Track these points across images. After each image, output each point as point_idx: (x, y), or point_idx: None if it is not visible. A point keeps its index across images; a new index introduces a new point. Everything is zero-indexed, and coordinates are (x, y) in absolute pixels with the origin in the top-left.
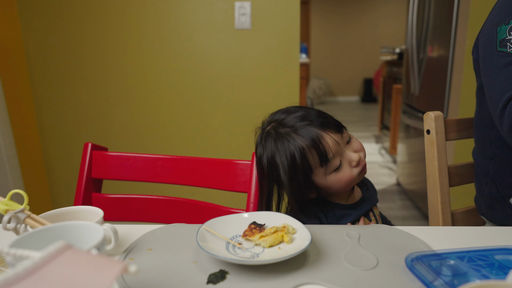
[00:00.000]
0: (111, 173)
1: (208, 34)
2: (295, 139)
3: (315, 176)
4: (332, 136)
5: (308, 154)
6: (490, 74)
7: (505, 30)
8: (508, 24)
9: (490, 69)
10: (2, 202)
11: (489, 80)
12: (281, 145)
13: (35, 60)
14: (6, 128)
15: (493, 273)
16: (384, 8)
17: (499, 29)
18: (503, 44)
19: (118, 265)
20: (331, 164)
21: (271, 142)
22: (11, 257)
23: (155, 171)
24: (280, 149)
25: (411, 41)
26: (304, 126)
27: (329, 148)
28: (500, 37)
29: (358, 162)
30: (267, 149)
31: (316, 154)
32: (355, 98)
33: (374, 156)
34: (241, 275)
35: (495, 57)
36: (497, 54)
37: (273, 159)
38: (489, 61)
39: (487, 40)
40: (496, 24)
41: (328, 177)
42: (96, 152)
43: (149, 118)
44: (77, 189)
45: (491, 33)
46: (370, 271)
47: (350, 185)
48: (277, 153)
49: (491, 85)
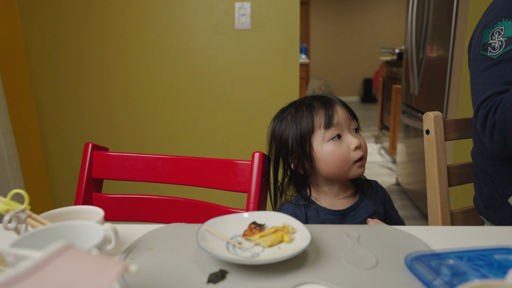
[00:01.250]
0: (111, 173)
1: (208, 35)
2: (311, 100)
3: (314, 138)
4: (345, 112)
5: (315, 110)
6: (472, 77)
7: (488, 34)
8: (492, 28)
9: (473, 72)
10: (3, 202)
11: (471, 82)
12: (296, 108)
13: (36, 59)
14: (6, 128)
15: (492, 273)
16: (384, 9)
17: (485, 32)
18: (484, 48)
19: (118, 265)
20: (331, 131)
21: (290, 111)
22: (12, 257)
23: (155, 171)
24: (294, 110)
25: (410, 42)
26: (323, 96)
27: (337, 116)
28: (484, 40)
29: (356, 146)
30: (283, 116)
31: (323, 114)
32: (354, 98)
33: (374, 156)
34: (241, 274)
35: (478, 60)
36: (479, 57)
37: (285, 119)
38: (473, 64)
39: (474, 42)
40: (484, 27)
41: (325, 145)
42: (96, 152)
43: (150, 118)
44: (77, 189)
45: (478, 35)
46: (370, 271)
47: (342, 169)
48: (290, 113)
49: (472, 88)
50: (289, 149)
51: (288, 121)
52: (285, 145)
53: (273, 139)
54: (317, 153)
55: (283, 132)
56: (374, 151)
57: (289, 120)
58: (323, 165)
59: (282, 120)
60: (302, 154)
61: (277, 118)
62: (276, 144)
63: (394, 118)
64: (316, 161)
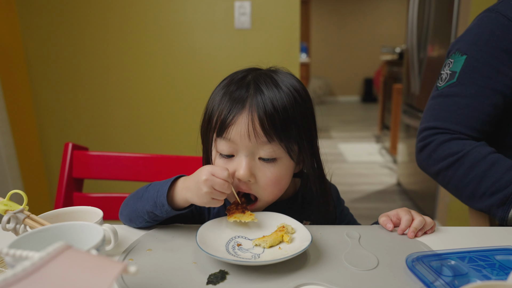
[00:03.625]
0: (92, 173)
1: (208, 34)
2: (240, 81)
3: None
4: (256, 126)
5: (226, 101)
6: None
7: (445, 63)
8: (447, 58)
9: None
10: (2, 202)
11: None
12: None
13: (35, 60)
14: (5, 128)
15: (494, 274)
16: (385, 8)
17: (446, 59)
18: (439, 76)
19: (117, 266)
20: (222, 145)
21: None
22: (10, 258)
23: (136, 170)
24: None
25: (411, 41)
26: (247, 84)
27: (237, 128)
28: (441, 69)
29: (239, 178)
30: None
31: (223, 113)
32: (355, 98)
33: (375, 156)
34: (241, 275)
35: (434, 86)
36: (435, 84)
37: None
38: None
39: None
40: (447, 53)
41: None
42: (77, 151)
43: (149, 118)
44: (58, 189)
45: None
46: (371, 272)
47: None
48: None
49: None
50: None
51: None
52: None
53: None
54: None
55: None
56: (375, 151)
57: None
58: None
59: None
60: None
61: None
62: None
63: (395, 118)
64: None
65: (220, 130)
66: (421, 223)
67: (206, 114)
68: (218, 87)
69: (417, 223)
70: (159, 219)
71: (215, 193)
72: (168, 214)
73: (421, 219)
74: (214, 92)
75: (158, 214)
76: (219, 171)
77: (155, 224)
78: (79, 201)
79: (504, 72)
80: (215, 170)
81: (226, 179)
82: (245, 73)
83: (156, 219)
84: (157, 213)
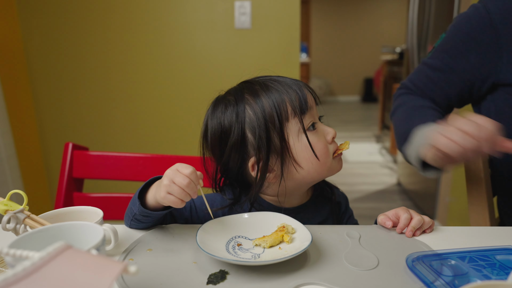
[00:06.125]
0: (92, 173)
1: (208, 34)
2: (265, 81)
3: (288, 128)
4: (311, 95)
5: (283, 92)
6: None
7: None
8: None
9: None
10: (2, 202)
11: None
12: (250, 90)
13: (35, 59)
14: (5, 128)
15: (494, 273)
16: (385, 8)
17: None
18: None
19: (117, 266)
20: (307, 118)
21: (235, 100)
22: (11, 258)
23: (136, 170)
24: (249, 93)
25: (411, 41)
26: (278, 76)
27: (310, 99)
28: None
29: (333, 136)
30: (228, 108)
31: (297, 96)
32: (355, 97)
33: (375, 156)
34: (241, 275)
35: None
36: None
37: (240, 114)
38: None
39: None
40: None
41: (302, 137)
42: (77, 151)
43: (149, 118)
44: (58, 189)
45: None
46: (371, 271)
47: (325, 165)
48: (241, 105)
49: None
50: (246, 145)
51: (237, 108)
52: (241, 141)
53: (221, 133)
54: (293, 149)
55: (231, 122)
56: (375, 151)
57: (238, 106)
58: (304, 163)
59: (226, 107)
60: (267, 151)
61: (217, 107)
62: (217, 140)
63: None
64: (291, 160)
65: (305, 107)
66: (420, 222)
67: (252, 126)
68: (245, 107)
69: (416, 222)
70: (143, 219)
71: (172, 187)
72: (140, 211)
73: (419, 218)
74: (248, 111)
75: (135, 211)
76: (183, 167)
77: (153, 225)
78: (79, 201)
79: (466, 57)
80: (181, 166)
81: (189, 176)
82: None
83: (140, 219)
84: (134, 209)
